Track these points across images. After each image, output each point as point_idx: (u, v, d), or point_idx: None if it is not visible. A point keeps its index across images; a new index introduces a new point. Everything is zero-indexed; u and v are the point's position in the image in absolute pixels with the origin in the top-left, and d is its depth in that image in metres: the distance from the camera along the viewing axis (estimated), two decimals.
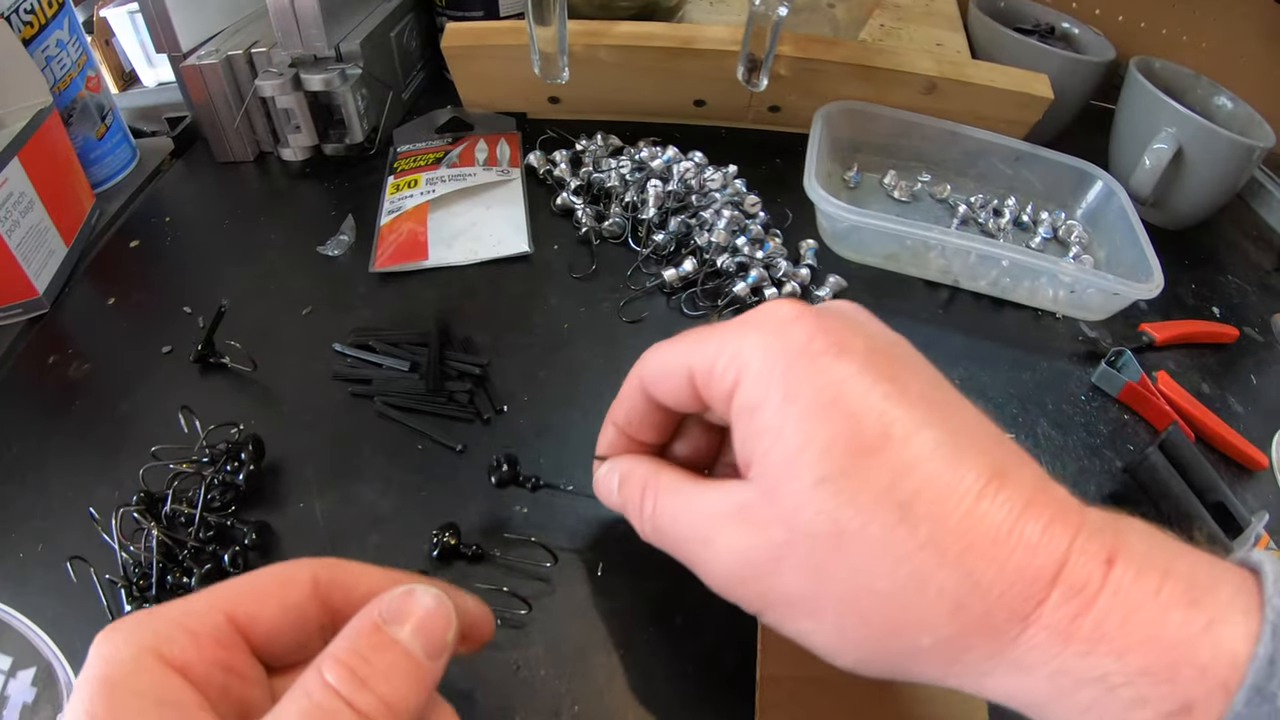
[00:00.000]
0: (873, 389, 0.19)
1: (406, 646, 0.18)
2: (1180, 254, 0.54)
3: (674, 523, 0.23)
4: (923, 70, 0.50)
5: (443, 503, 0.33)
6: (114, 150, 0.50)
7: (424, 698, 0.18)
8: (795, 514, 0.19)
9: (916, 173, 0.53)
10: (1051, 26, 0.63)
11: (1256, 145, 0.51)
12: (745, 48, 0.45)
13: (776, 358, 0.20)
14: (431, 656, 0.19)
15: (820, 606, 0.19)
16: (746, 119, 0.55)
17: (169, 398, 0.36)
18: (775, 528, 0.20)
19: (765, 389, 0.20)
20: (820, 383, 0.19)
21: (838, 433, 0.19)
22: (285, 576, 0.20)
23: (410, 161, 0.49)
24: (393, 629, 0.18)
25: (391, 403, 0.36)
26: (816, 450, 0.19)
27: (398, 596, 0.19)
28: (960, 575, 0.18)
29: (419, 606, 0.19)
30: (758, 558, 0.20)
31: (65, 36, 0.46)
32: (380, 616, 0.19)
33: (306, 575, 0.20)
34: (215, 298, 0.39)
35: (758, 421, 0.20)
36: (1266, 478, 0.40)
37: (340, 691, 0.17)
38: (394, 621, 0.19)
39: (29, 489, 0.33)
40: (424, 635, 0.19)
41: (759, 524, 0.20)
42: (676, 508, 0.23)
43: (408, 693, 0.18)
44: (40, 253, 0.41)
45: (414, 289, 0.42)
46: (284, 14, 0.46)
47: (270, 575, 0.20)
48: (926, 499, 0.18)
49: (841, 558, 0.19)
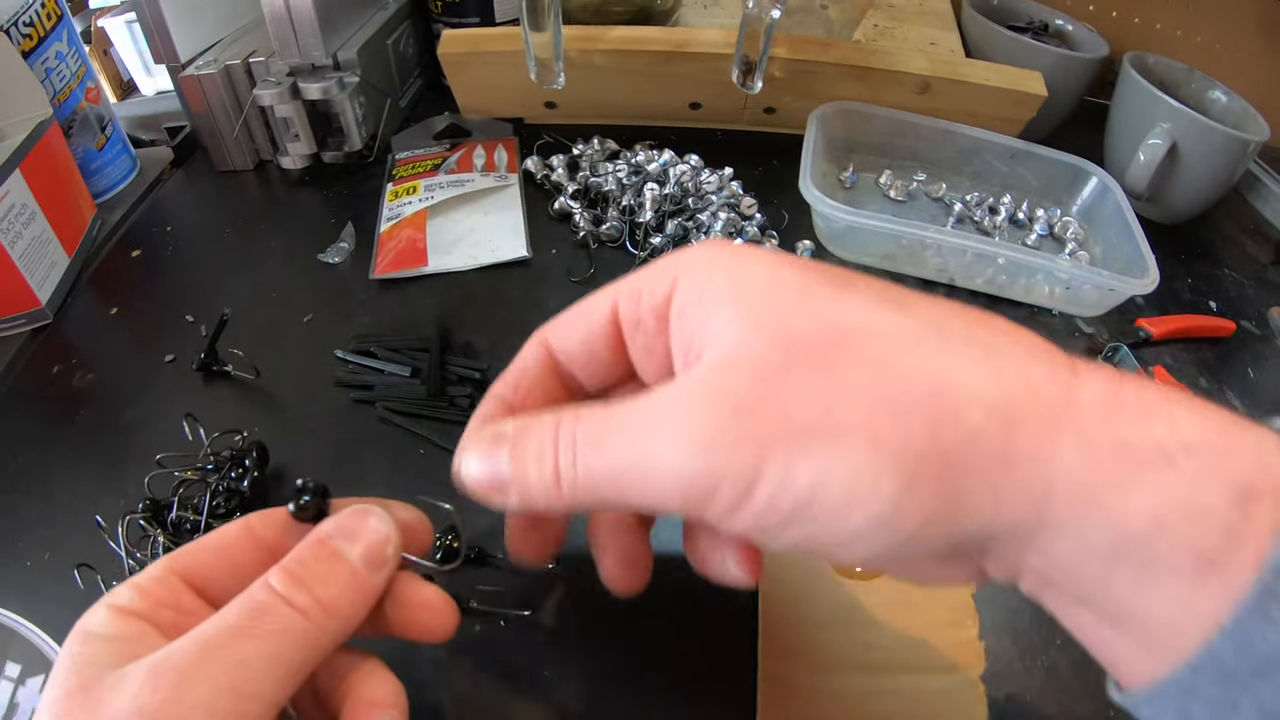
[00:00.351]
0: (807, 264, 0.19)
1: (346, 556, 0.20)
2: (1176, 249, 0.55)
3: (612, 447, 0.18)
4: (917, 70, 0.50)
5: (445, 507, 0.33)
6: (114, 161, 0.51)
7: (361, 606, 0.20)
8: (786, 327, 0.17)
9: (912, 172, 0.53)
10: (1045, 24, 0.63)
11: (1251, 139, 0.51)
12: (739, 50, 0.45)
13: (717, 250, 0.19)
14: (371, 568, 0.20)
15: (843, 421, 0.16)
16: (742, 121, 0.56)
17: (172, 406, 0.36)
18: (745, 364, 0.17)
19: (711, 273, 0.19)
20: (769, 256, 0.19)
21: (810, 268, 0.18)
22: (221, 529, 0.21)
23: (409, 168, 0.50)
24: (336, 542, 0.20)
25: (393, 408, 0.36)
26: (794, 273, 0.18)
27: (344, 515, 0.21)
28: (991, 334, 0.17)
29: (361, 523, 0.21)
30: (736, 399, 0.16)
31: (64, 48, 0.47)
32: (326, 532, 0.20)
33: (239, 524, 0.21)
34: (217, 306, 0.40)
35: (709, 298, 0.18)
36: None
37: (279, 590, 0.19)
38: (338, 535, 0.20)
39: (35, 498, 0.33)
40: (364, 547, 0.20)
41: (736, 372, 0.17)
42: (605, 426, 0.18)
43: (343, 597, 0.19)
44: (43, 263, 0.41)
45: (414, 295, 0.43)
46: (281, 23, 0.46)
47: (211, 533, 0.21)
48: (914, 300, 0.18)
49: (855, 358, 0.16)
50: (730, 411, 0.16)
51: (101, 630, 0.19)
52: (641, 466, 0.17)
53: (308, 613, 0.19)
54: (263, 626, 0.18)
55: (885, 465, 0.16)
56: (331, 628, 0.19)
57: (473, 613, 0.29)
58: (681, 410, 0.17)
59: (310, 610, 0.19)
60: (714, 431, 0.16)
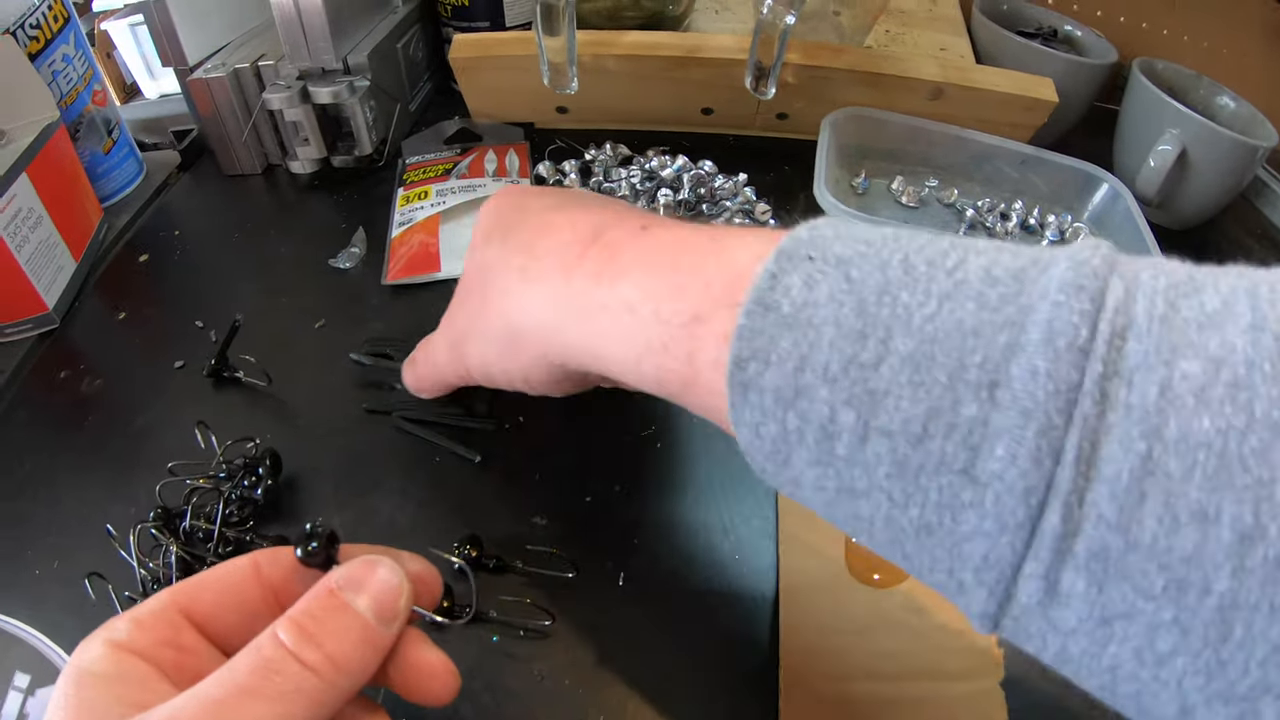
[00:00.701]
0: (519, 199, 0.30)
1: (358, 610, 0.20)
2: (1185, 254, 0.54)
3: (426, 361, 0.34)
4: (928, 76, 0.50)
5: (462, 515, 0.33)
6: (121, 164, 0.50)
7: (372, 661, 0.20)
8: (464, 272, 0.31)
9: (924, 178, 0.53)
10: (1054, 29, 0.63)
11: (1260, 145, 0.51)
12: (753, 56, 0.45)
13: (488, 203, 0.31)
14: (383, 621, 0.20)
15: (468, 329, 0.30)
16: (754, 126, 0.56)
17: (183, 413, 0.36)
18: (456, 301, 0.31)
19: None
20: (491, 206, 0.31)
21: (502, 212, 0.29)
22: (227, 565, 0.21)
23: (419, 173, 0.49)
24: (347, 594, 0.20)
25: (409, 416, 0.36)
26: (486, 222, 0.30)
27: (355, 565, 0.20)
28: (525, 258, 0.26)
29: (373, 575, 0.20)
30: (450, 314, 0.31)
31: (71, 51, 0.46)
32: (336, 583, 0.20)
33: (247, 561, 0.21)
34: (226, 311, 0.39)
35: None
36: None
37: (289, 646, 0.18)
38: (349, 588, 0.20)
39: (43, 504, 0.33)
40: (376, 601, 0.20)
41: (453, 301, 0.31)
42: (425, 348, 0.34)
43: (355, 653, 0.19)
44: (49, 268, 0.41)
45: (426, 301, 0.42)
46: (292, 26, 0.46)
47: (216, 567, 0.21)
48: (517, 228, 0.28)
49: (475, 290, 0.29)
50: (448, 321, 0.32)
51: (99, 669, 0.18)
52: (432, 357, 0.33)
53: (319, 670, 0.18)
54: (273, 687, 0.18)
55: (489, 346, 0.28)
56: (342, 684, 0.19)
57: (492, 622, 0.29)
58: (438, 335, 0.33)
59: (321, 668, 0.18)
60: (443, 332, 0.32)
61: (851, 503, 0.17)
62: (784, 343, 0.17)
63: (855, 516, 0.18)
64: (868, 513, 0.17)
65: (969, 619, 0.17)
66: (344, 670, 0.19)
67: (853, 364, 0.16)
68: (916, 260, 0.17)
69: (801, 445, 0.17)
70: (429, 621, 0.23)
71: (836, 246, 0.18)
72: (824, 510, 0.19)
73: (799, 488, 0.19)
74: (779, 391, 0.17)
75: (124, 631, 0.19)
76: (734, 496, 0.34)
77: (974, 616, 0.16)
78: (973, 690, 0.28)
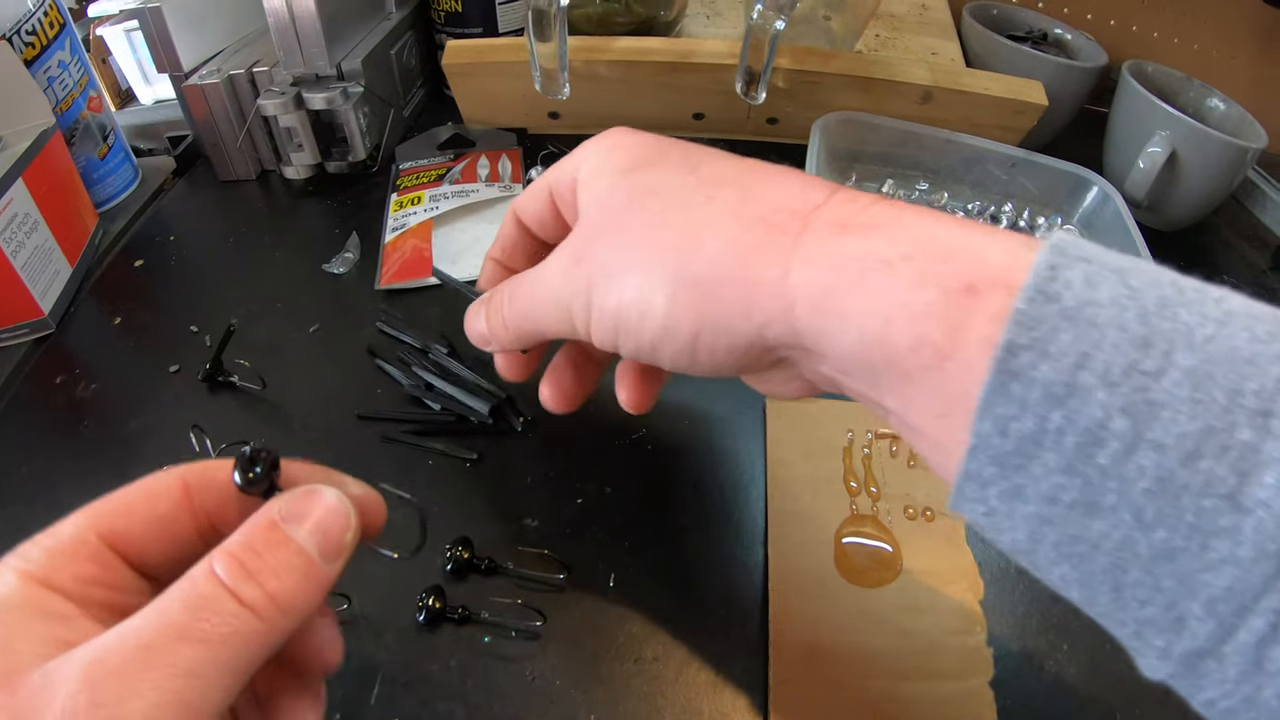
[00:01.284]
0: (663, 144, 0.24)
1: (301, 545, 0.18)
2: (1176, 256, 0.55)
3: (520, 293, 0.26)
4: (918, 80, 0.51)
5: (454, 517, 0.33)
6: (116, 170, 0.51)
7: (315, 599, 0.18)
8: (605, 199, 0.23)
9: (914, 181, 0.54)
10: (1044, 33, 0.64)
11: (1250, 146, 0.52)
12: (743, 61, 0.46)
13: (599, 139, 0.25)
14: (327, 558, 0.19)
15: (629, 260, 0.22)
16: (745, 131, 0.56)
17: (178, 417, 0.36)
18: (587, 225, 0.24)
19: (586, 159, 0.25)
20: (620, 140, 0.25)
21: (646, 145, 0.24)
22: (152, 487, 0.20)
23: (413, 179, 0.50)
24: (289, 527, 0.18)
25: (411, 429, 0.36)
26: (627, 154, 0.24)
27: (299, 495, 0.19)
28: (739, 192, 0.21)
29: (318, 506, 0.19)
30: (577, 250, 0.24)
31: (67, 57, 0.47)
32: (278, 514, 0.18)
33: (175, 482, 0.20)
34: (221, 316, 0.40)
35: (581, 180, 0.25)
36: None
37: (226, 582, 0.17)
38: (291, 520, 0.18)
39: (40, 508, 0.33)
40: (320, 535, 0.19)
41: (576, 235, 0.24)
42: (520, 282, 0.27)
43: (297, 591, 0.18)
44: (45, 273, 0.42)
45: (419, 305, 0.43)
46: (286, 33, 0.47)
47: (138, 488, 0.20)
48: (710, 162, 0.23)
49: (642, 215, 0.22)
50: (573, 260, 0.24)
51: (16, 602, 0.17)
52: (535, 306, 0.26)
53: (259, 610, 0.17)
54: (211, 629, 0.16)
55: (656, 288, 0.21)
56: (281, 626, 0.17)
57: (483, 623, 0.29)
58: (552, 263, 0.25)
59: (261, 607, 0.17)
60: (564, 276, 0.24)
61: (1081, 521, 0.16)
62: (1064, 337, 0.16)
63: (1074, 539, 0.16)
64: (1097, 533, 0.16)
65: (1142, 662, 0.17)
66: (285, 610, 0.17)
67: (1134, 370, 0.16)
68: (1184, 284, 0.17)
69: (1056, 448, 0.16)
70: (382, 555, 0.21)
71: (1105, 256, 0.17)
72: (1028, 531, 0.17)
73: (1016, 499, 0.17)
74: (1050, 387, 0.16)
75: (39, 561, 0.17)
76: (723, 498, 0.34)
77: (1167, 657, 0.16)
78: (962, 689, 0.29)
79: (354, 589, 0.30)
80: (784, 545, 0.33)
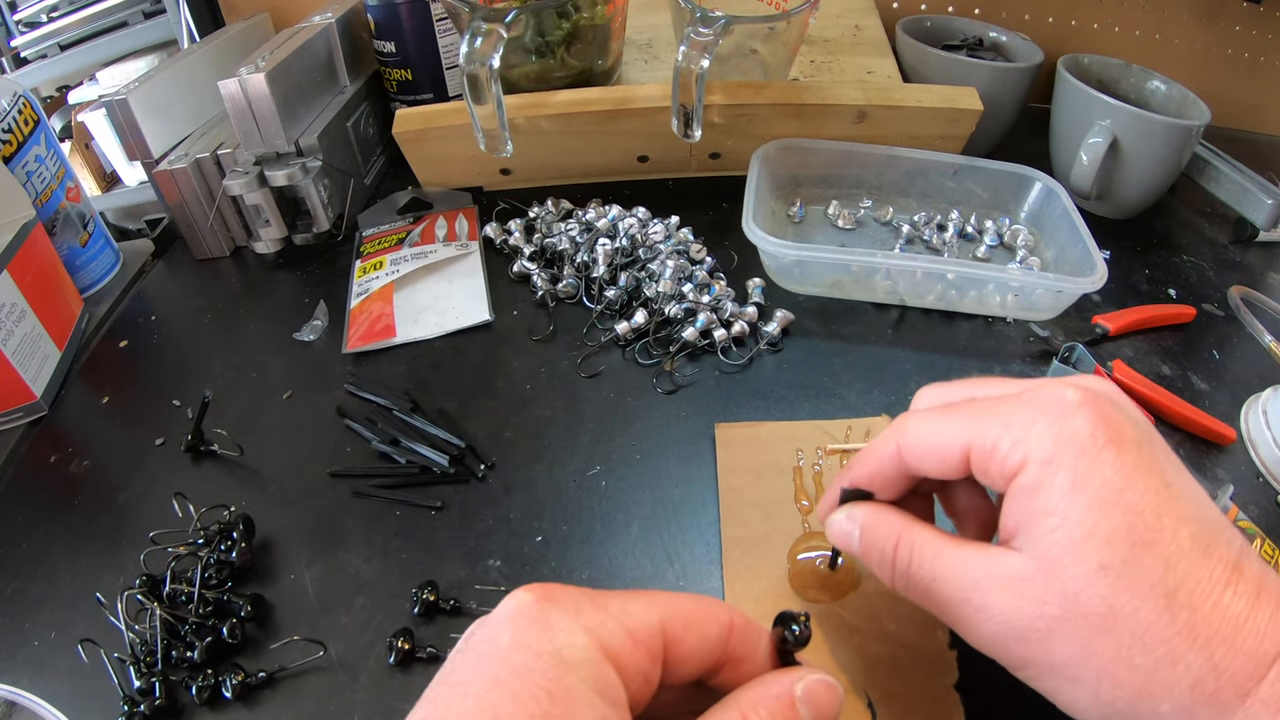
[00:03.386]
0: (1148, 483, 0.22)
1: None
2: (1132, 242, 0.58)
3: (935, 582, 0.25)
4: (850, 100, 0.55)
5: (422, 562, 0.37)
6: (98, 255, 0.56)
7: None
8: (1075, 594, 0.22)
9: (858, 199, 0.57)
10: (979, 39, 0.68)
11: (1191, 124, 0.54)
12: (675, 101, 0.50)
13: (1065, 447, 0.23)
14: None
15: (1081, 675, 0.22)
16: (690, 169, 0.61)
17: (164, 486, 0.40)
18: (1051, 603, 0.22)
19: (1052, 476, 0.23)
20: (1106, 475, 0.22)
21: (1120, 525, 0.22)
22: (711, 611, 0.22)
23: (375, 244, 0.55)
24: (802, 709, 0.21)
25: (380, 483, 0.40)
26: (1101, 539, 0.22)
27: (820, 684, 0.22)
28: (1204, 658, 0.21)
29: (829, 701, 0.21)
30: (1030, 627, 0.23)
31: (43, 151, 0.51)
32: (799, 694, 0.21)
33: (726, 618, 0.22)
34: (202, 390, 0.44)
35: (1040, 503, 0.23)
36: (1237, 450, 0.43)
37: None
38: (806, 701, 0.21)
39: (39, 580, 0.37)
40: (819, 718, 0.21)
41: (1034, 597, 0.23)
42: (939, 568, 0.25)
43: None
44: (35, 358, 0.46)
45: (385, 365, 0.47)
46: (243, 115, 0.51)
47: (697, 604, 0.22)
48: (1186, 589, 0.21)
49: (1109, 636, 0.22)
50: (1014, 630, 0.23)
51: (587, 672, 0.18)
52: (947, 614, 0.25)
53: None
54: None
55: (1095, 707, 0.22)
56: None
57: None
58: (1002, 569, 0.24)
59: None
60: (1002, 643, 0.24)
61: None
62: None
63: None
64: None
65: None
66: None
67: None
68: None
69: None
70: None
71: None
72: None
73: None
74: None
75: (616, 637, 0.19)
76: (677, 527, 0.38)
77: None
78: (927, 693, 0.30)
79: (327, 635, 0.34)
80: (738, 569, 0.35)
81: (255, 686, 0.32)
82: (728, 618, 0.22)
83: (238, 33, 0.67)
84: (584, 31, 0.55)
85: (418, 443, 0.41)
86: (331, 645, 0.33)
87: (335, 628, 0.34)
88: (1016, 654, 0.24)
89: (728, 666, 0.22)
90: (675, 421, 0.43)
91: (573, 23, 0.54)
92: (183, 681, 0.32)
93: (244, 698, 0.32)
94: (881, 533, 0.27)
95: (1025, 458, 0.23)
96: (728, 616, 0.22)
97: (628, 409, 0.44)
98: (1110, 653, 0.22)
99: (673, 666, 0.21)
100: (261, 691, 0.32)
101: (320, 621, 0.34)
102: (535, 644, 0.18)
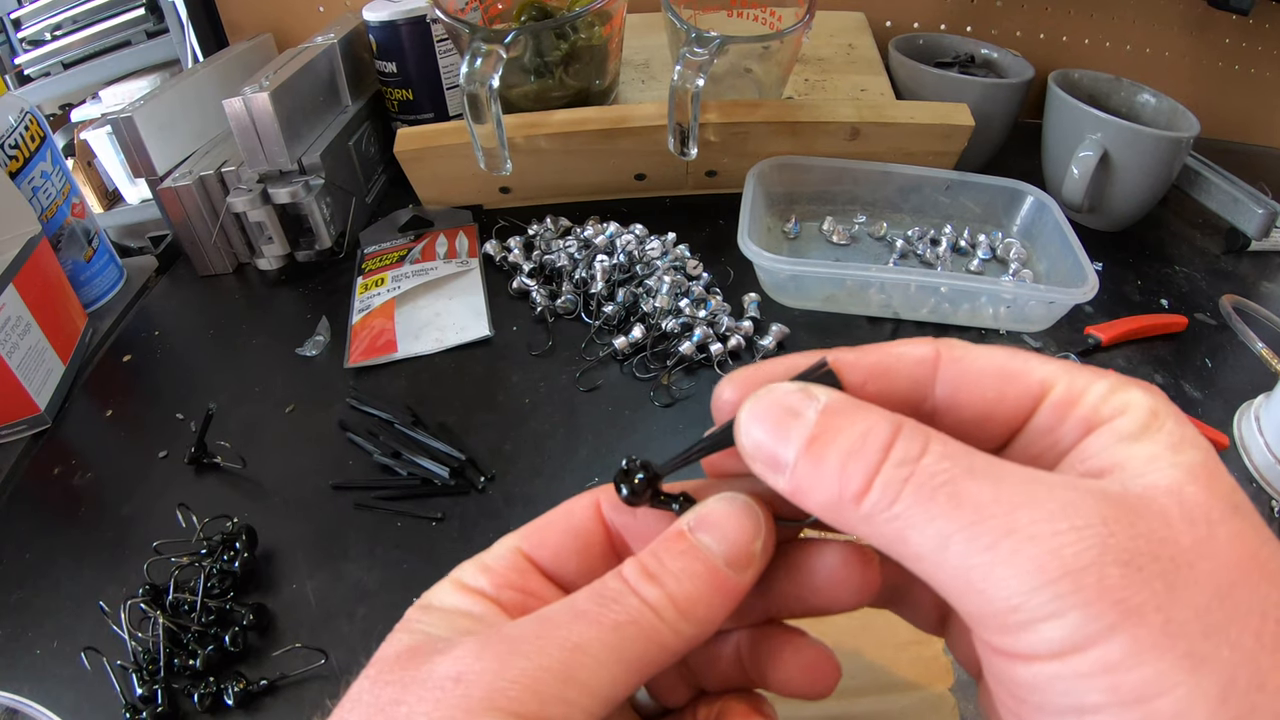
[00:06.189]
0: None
1: (706, 552, 0.19)
2: (1125, 253, 0.59)
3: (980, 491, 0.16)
4: (844, 118, 0.57)
5: (422, 572, 0.38)
6: (102, 271, 0.57)
7: (720, 607, 0.19)
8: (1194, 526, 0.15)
9: (853, 215, 0.59)
10: (971, 55, 0.69)
11: (1181, 136, 0.56)
12: (671, 120, 0.51)
13: (1167, 409, 0.18)
14: (733, 565, 0.19)
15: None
16: (687, 186, 0.62)
17: (167, 497, 0.41)
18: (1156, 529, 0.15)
19: (1155, 425, 0.17)
20: (1203, 445, 0.17)
21: (1223, 495, 0.16)
22: (569, 504, 0.22)
23: (377, 261, 0.56)
24: (696, 535, 0.19)
25: (382, 495, 0.41)
26: (1225, 489, 0.16)
27: (709, 504, 0.20)
28: None
29: (725, 514, 0.19)
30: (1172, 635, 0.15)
31: (49, 168, 0.53)
32: (687, 524, 0.19)
33: (589, 499, 0.22)
34: (204, 404, 0.45)
35: (1141, 448, 0.17)
36: (1230, 457, 0.43)
37: (629, 581, 0.18)
38: (699, 529, 0.19)
39: (43, 591, 0.38)
40: (726, 543, 0.19)
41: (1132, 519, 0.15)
42: (980, 480, 0.16)
43: (699, 597, 0.18)
44: (39, 372, 0.47)
45: (386, 380, 0.48)
46: (247, 134, 0.53)
47: (559, 507, 0.22)
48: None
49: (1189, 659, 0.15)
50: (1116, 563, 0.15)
51: (444, 604, 0.19)
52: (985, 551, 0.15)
53: (658, 609, 0.18)
54: (607, 614, 0.18)
55: None
56: (684, 630, 0.18)
57: None
58: (1077, 513, 0.15)
59: (660, 606, 0.18)
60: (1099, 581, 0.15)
61: None
62: None
63: None
64: None
65: None
66: (685, 614, 0.18)
67: None
68: None
69: None
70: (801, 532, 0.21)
71: None
72: None
73: None
74: None
75: (470, 574, 0.20)
76: None
77: None
78: (922, 699, 0.30)
79: (329, 644, 0.34)
80: None
81: (257, 694, 0.33)
82: (590, 498, 0.22)
83: (241, 52, 0.69)
84: (582, 52, 0.57)
85: (419, 455, 0.42)
86: (333, 654, 0.34)
87: (336, 636, 0.35)
88: None
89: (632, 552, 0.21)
90: (672, 434, 0.44)
91: (571, 43, 0.56)
92: (185, 689, 0.33)
93: (245, 705, 0.32)
94: (860, 428, 0.17)
95: (1128, 405, 0.18)
96: (589, 498, 0.22)
97: (625, 422, 0.45)
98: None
99: (554, 564, 0.21)
100: (263, 699, 0.33)
101: (322, 630, 0.35)
102: (418, 604, 0.20)
